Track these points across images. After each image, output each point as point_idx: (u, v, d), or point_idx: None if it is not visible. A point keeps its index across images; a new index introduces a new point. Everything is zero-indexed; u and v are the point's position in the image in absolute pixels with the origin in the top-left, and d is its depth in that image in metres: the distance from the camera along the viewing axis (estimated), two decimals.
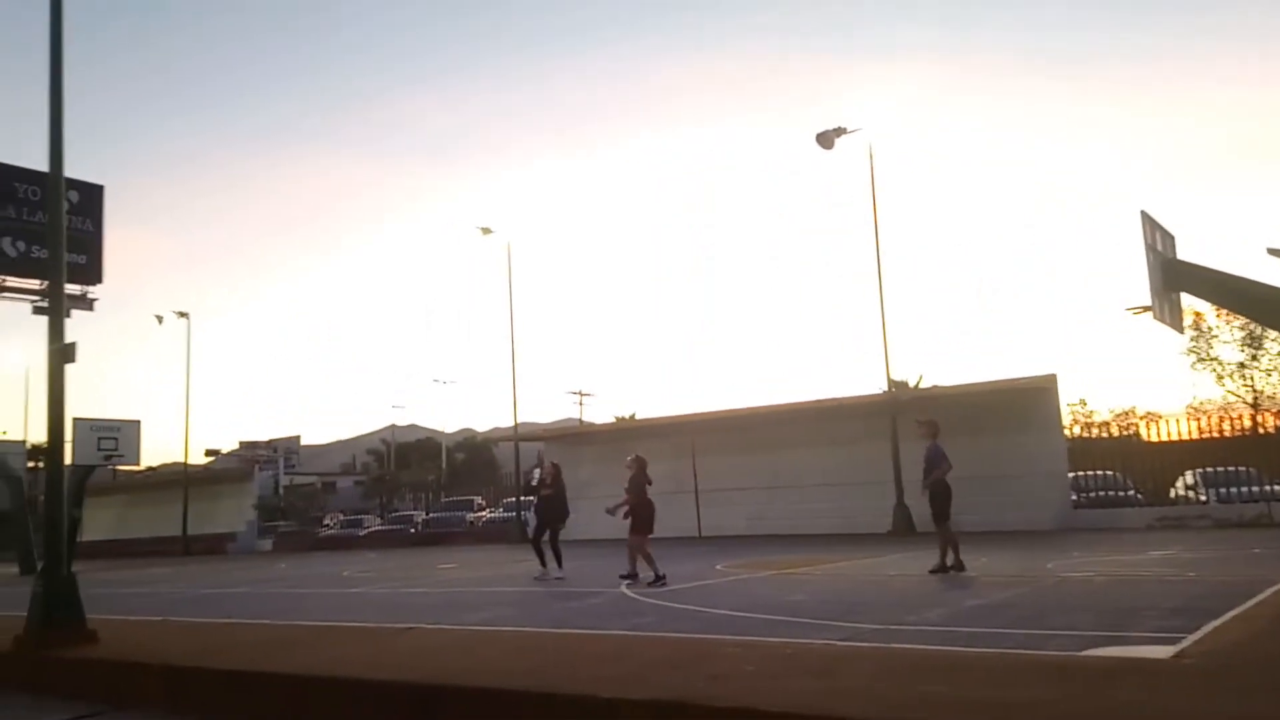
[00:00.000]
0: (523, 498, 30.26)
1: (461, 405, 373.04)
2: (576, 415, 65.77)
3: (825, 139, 24.55)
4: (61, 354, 9.44)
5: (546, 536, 15.96)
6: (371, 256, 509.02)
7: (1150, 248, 11.66)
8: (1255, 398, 39.66)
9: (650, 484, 13.81)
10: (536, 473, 17.49)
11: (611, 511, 14.23)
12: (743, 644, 7.08)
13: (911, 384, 42.56)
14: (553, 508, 16.26)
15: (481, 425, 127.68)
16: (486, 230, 33.70)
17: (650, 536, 13.51)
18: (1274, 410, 36.32)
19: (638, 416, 55.29)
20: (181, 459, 45.10)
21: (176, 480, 45.02)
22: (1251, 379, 40.16)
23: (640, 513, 13.45)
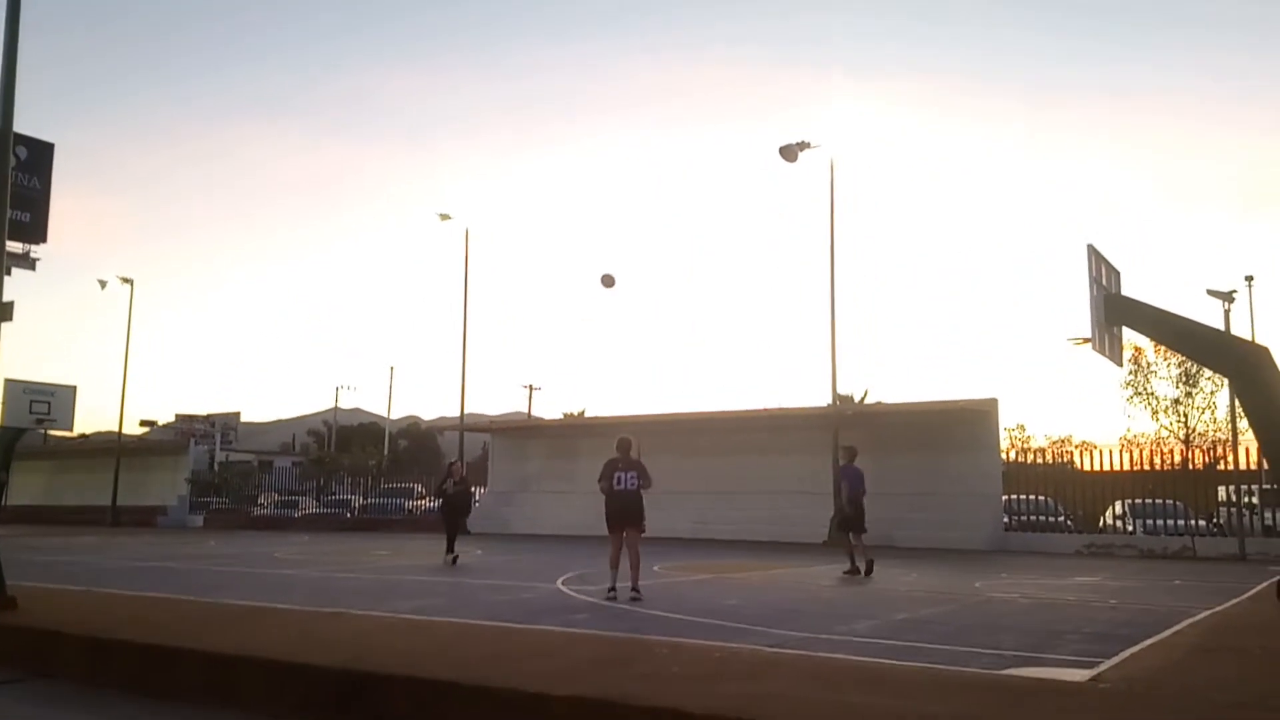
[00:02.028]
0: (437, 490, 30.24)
1: (408, 391, 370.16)
2: (524, 407, 65.44)
3: (788, 152, 24.74)
4: None
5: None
6: (330, 236, 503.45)
7: (1095, 281, 11.91)
8: (1187, 434, 40.75)
9: (632, 472, 10.81)
10: (452, 462, 20.45)
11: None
12: (673, 645, 7.12)
13: (856, 399, 43.12)
14: (462, 502, 18.24)
15: (427, 413, 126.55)
16: (445, 216, 33.46)
17: (626, 537, 10.77)
18: (1204, 447, 37.38)
19: (587, 414, 55.32)
20: (115, 427, 44.12)
21: (109, 449, 43.96)
22: (1185, 415, 41.28)
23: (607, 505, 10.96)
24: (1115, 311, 12.21)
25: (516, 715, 5.22)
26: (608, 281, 13.47)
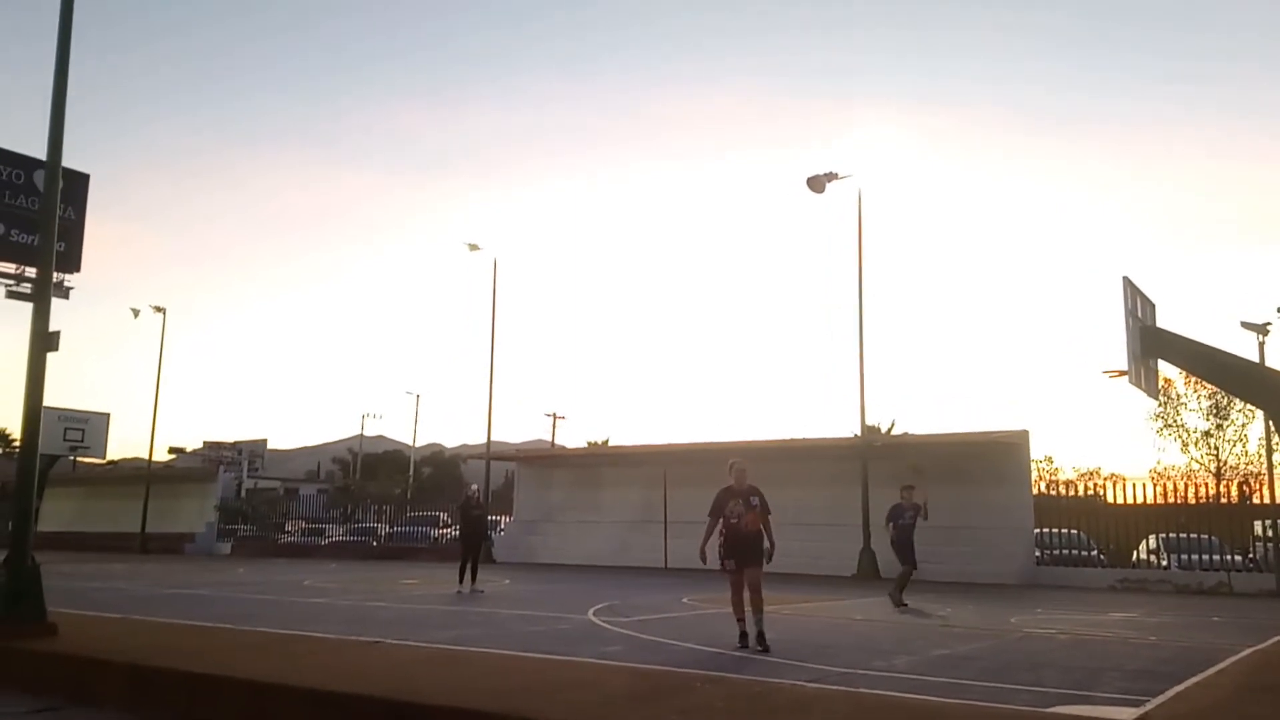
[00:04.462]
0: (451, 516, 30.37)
1: (431, 419, 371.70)
2: (546, 436, 65.46)
3: (816, 183, 24.76)
4: (44, 342, 9.37)
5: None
6: (356, 266, 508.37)
7: (1130, 313, 11.87)
8: (1219, 467, 40.21)
9: (743, 504, 9.59)
10: (474, 487, 19.96)
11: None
12: (711, 679, 7.09)
13: (883, 430, 42.85)
14: (478, 528, 18.25)
15: (449, 441, 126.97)
16: (474, 246, 33.65)
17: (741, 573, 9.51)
18: (1236, 480, 36.85)
19: (610, 443, 55.28)
20: (143, 454, 44.54)
21: (138, 476, 44.31)
22: (1216, 448, 40.75)
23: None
24: (1151, 344, 12.16)
25: None
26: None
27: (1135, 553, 24.44)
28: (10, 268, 18.82)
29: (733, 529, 9.58)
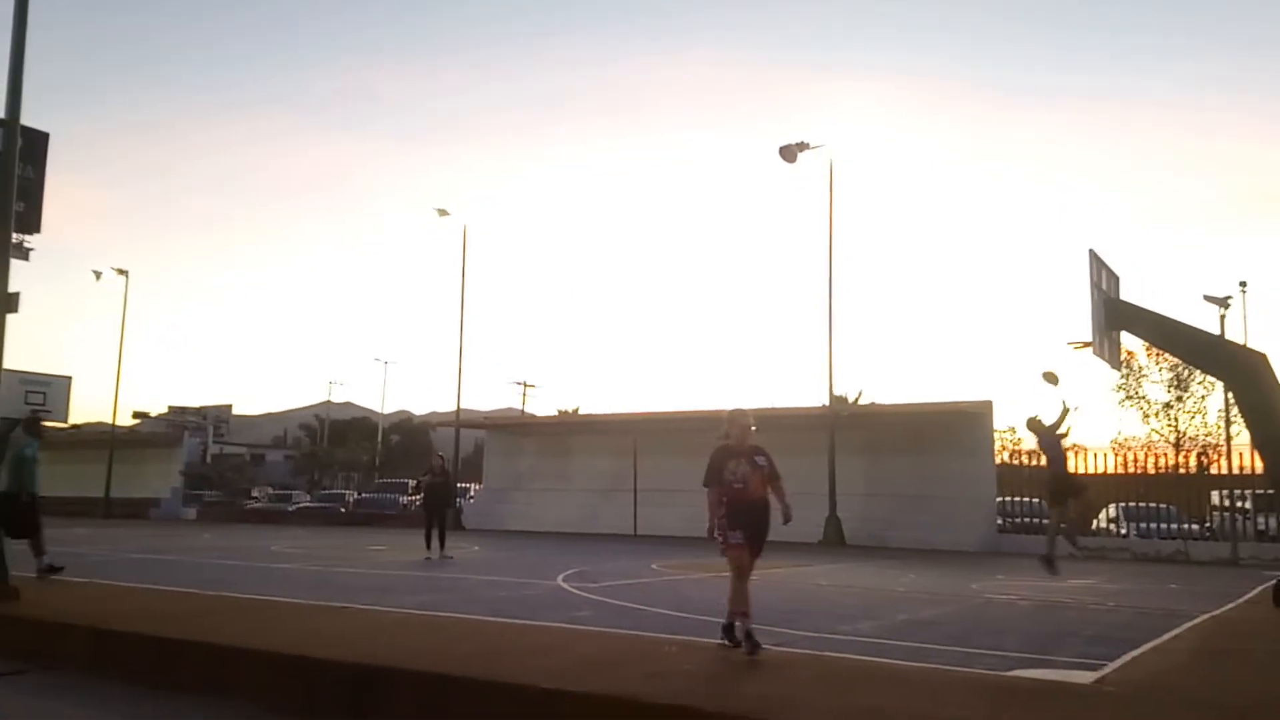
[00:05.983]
0: (415, 483, 29.84)
1: (399, 387, 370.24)
2: (516, 404, 65.36)
3: (788, 153, 24.74)
4: (4, 303, 9.21)
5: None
6: (325, 231, 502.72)
7: (1095, 285, 11.98)
8: (1178, 438, 40.94)
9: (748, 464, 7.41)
10: (440, 454, 19.75)
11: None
12: (680, 644, 7.15)
13: (850, 399, 43.17)
14: (441, 495, 18.10)
15: (418, 409, 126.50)
16: (443, 212, 33.38)
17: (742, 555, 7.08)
18: (1195, 451, 37.56)
19: (581, 411, 55.28)
20: (107, 418, 43.97)
21: (102, 440, 43.82)
22: (1176, 420, 41.48)
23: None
24: (1115, 316, 12.29)
25: (529, 712, 5.24)
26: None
27: (1095, 521, 24.91)
28: None
29: (737, 495, 7.34)
